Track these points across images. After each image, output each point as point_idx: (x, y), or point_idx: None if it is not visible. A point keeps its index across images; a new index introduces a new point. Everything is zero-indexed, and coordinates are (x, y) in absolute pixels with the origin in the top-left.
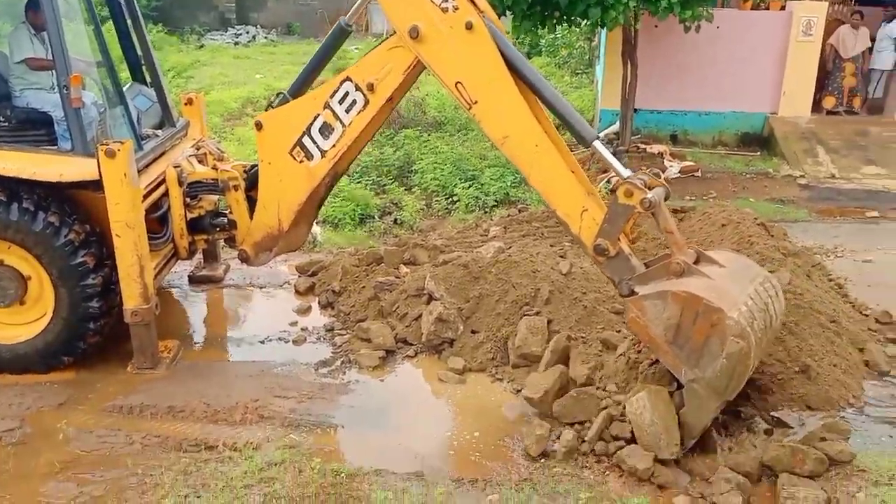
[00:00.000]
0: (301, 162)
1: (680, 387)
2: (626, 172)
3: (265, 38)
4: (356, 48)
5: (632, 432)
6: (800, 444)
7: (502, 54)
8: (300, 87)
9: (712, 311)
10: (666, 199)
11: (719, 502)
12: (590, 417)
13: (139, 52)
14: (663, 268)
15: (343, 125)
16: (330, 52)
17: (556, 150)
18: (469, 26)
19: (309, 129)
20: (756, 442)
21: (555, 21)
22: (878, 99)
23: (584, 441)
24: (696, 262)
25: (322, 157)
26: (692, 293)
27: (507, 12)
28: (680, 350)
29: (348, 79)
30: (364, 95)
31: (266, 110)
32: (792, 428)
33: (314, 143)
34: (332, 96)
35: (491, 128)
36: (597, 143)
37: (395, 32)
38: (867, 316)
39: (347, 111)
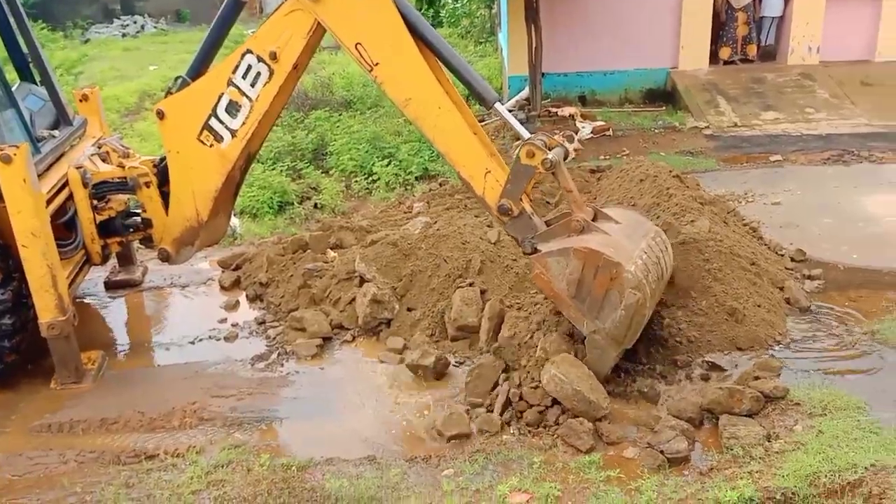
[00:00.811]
0: (211, 146)
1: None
2: (526, 134)
3: (154, 27)
4: (252, 31)
5: (551, 398)
6: (736, 385)
7: (402, 16)
8: (199, 68)
9: (611, 265)
10: (565, 159)
11: (667, 449)
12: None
13: (25, 51)
14: (564, 225)
15: (250, 100)
16: (226, 27)
17: (458, 112)
18: None
19: (215, 109)
20: (695, 388)
21: None
22: (770, 46)
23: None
24: (593, 219)
25: (233, 137)
26: (592, 249)
27: None
28: (582, 303)
29: (249, 51)
30: (268, 66)
31: (166, 97)
32: (726, 370)
33: (222, 123)
34: (234, 72)
35: (393, 90)
36: (498, 105)
37: None
38: (782, 255)
39: (253, 85)
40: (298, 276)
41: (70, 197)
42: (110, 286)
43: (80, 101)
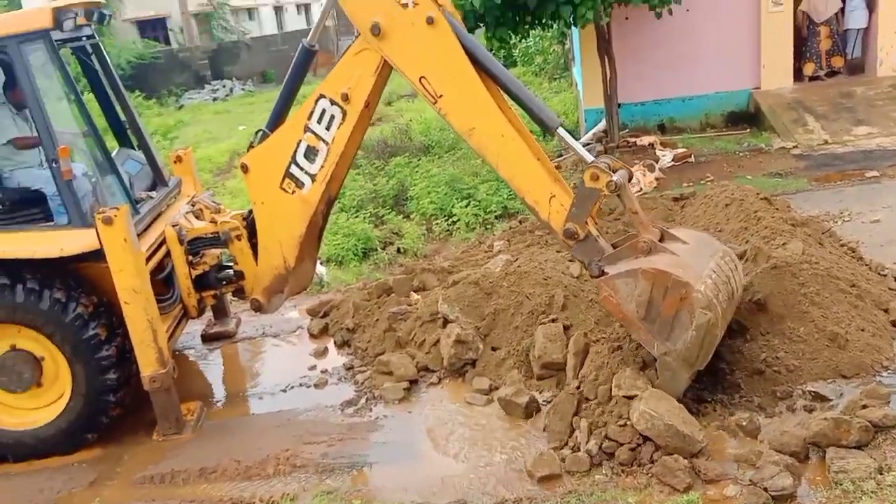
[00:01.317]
0: (293, 193)
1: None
2: (590, 158)
3: (242, 89)
4: None
5: (642, 436)
6: (842, 415)
7: (464, 48)
8: (277, 119)
9: (680, 285)
10: (630, 180)
11: (770, 486)
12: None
13: (123, 118)
14: (631, 247)
15: (327, 144)
16: (299, 77)
17: (521, 139)
18: (430, 21)
19: (294, 156)
20: (798, 419)
21: (527, 25)
22: (857, 58)
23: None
24: (660, 240)
25: (313, 182)
26: (661, 269)
27: (480, 24)
28: (652, 325)
29: (322, 96)
30: (341, 108)
31: (248, 151)
32: (831, 400)
33: (302, 169)
34: (309, 118)
35: (457, 120)
36: (561, 130)
37: (358, 35)
38: (885, 276)
39: (328, 128)
40: (384, 320)
41: (167, 254)
42: (207, 338)
43: (175, 162)
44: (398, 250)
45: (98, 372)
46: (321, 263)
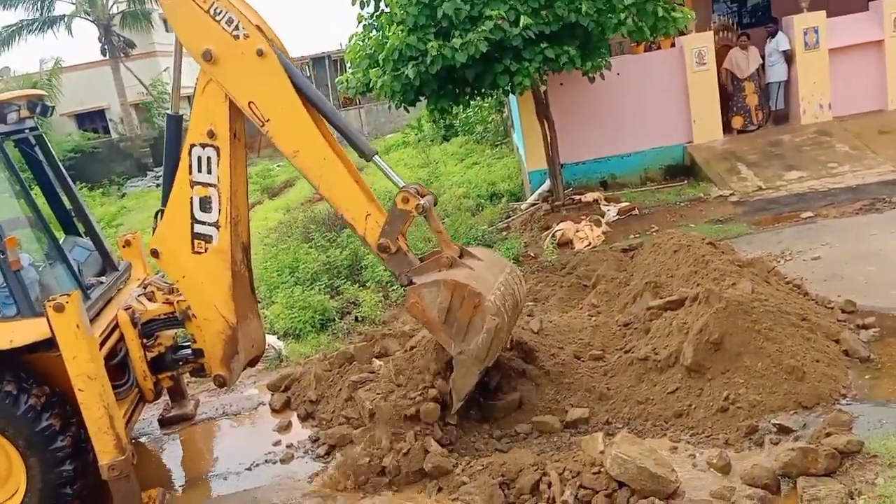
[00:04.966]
0: (206, 251)
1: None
2: (402, 183)
3: None
4: (279, 165)
5: (616, 481)
6: (808, 445)
7: (290, 79)
8: (169, 194)
9: (475, 295)
10: (435, 205)
11: None
12: None
13: (69, 206)
14: (435, 261)
15: (215, 186)
16: (178, 147)
17: (340, 162)
18: (260, 53)
19: (193, 215)
20: (766, 452)
21: (467, 96)
22: (782, 109)
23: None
24: (460, 257)
25: (218, 230)
26: (459, 281)
27: (420, 97)
28: (450, 328)
29: (192, 145)
30: (213, 146)
31: (153, 234)
32: (796, 431)
33: (204, 223)
34: (190, 172)
35: (283, 143)
36: (376, 158)
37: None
38: (832, 308)
39: (210, 171)
40: (346, 388)
41: (121, 338)
42: (165, 423)
43: (123, 246)
44: (356, 319)
45: (54, 464)
46: (278, 338)
